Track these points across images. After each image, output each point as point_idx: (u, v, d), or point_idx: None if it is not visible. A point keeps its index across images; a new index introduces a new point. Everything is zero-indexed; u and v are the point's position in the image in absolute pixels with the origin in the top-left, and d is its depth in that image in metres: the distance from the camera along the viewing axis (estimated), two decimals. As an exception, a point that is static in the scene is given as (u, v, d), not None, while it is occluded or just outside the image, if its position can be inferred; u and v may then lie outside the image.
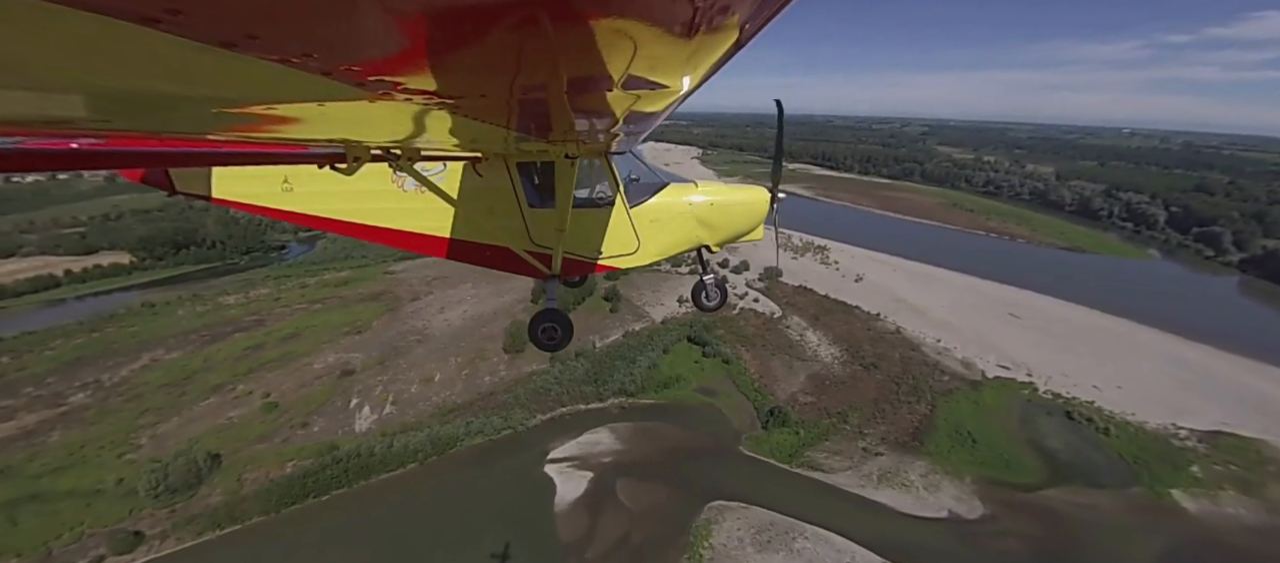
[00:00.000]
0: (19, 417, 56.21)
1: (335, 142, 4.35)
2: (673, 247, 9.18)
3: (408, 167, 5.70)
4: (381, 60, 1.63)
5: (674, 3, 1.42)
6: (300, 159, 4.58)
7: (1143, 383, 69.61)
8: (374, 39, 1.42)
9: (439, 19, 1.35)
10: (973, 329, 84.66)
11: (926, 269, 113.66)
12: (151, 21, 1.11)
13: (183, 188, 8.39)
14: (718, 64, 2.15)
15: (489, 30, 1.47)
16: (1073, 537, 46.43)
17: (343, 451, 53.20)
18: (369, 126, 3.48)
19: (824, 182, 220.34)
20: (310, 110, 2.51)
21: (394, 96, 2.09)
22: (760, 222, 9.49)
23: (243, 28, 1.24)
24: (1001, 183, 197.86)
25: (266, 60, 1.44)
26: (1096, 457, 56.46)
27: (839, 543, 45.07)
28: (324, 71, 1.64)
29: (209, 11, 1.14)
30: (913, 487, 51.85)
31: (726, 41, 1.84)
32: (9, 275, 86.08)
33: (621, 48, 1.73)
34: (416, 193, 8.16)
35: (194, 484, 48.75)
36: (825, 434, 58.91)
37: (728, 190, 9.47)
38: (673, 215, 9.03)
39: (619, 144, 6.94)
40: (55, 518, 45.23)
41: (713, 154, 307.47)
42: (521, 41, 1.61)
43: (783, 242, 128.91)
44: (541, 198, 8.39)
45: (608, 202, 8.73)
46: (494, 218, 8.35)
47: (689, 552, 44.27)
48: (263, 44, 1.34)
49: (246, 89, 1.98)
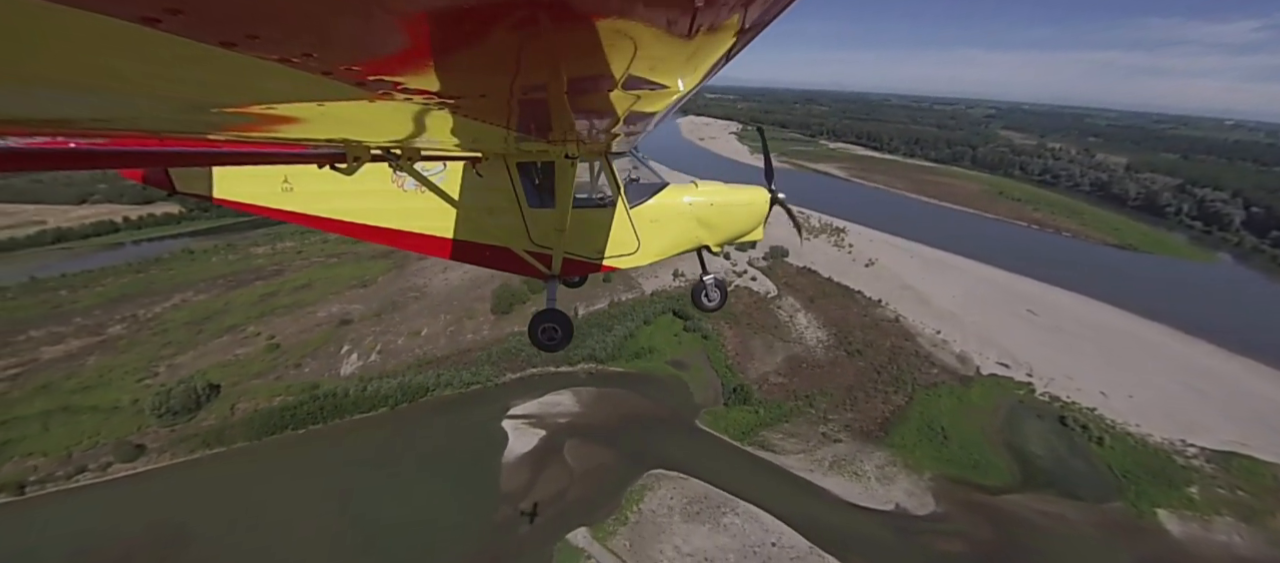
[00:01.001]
0: (66, 342, 63.51)
1: (335, 142, 4.31)
2: (673, 247, 9.06)
3: (408, 167, 5.66)
4: (381, 60, 1.61)
5: (674, 3, 1.38)
6: (300, 159, 4.53)
7: (1158, 394, 62.75)
8: (374, 39, 1.41)
9: (439, 19, 1.33)
10: (979, 323, 78.82)
11: (947, 258, 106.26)
12: (151, 21, 1.09)
13: (183, 188, 8.35)
14: (718, 64, 2.11)
15: (489, 30, 1.45)
16: (1026, 545, 43.18)
17: (323, 391, 56.89)
18: (369, 126, 3.46)
19: (862, 162, 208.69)
20: (310, 110, 2.49)
21: (394, 96, 2.07)
22: (760, 222, 9.31)
23: (243, 28, 1.22)
24: (1060, 172, 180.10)
25: (266, 60, 1.42)
26: (1080, 466, 51.82)
27: (768, 522, 44.04)
28: (324, 71, 1.62)
29: (209, 11, 1.12)
30: (864, 476, 49.63)
31: (726, 42, 1.81)
32: (77, 220, 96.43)
33: (621, 48, 1.72)
34: (416, 193, 8.09)
35: (193, 409, 53.67)
36: (786, 416, 57.12)
37: (728, 191, 9.26)
38: (673, 215, 8.91)
39: (619, 144, 6.83)
40: (78, 428, 51.19)
41: (753, 130, 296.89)
42: (521, 41, 1.59)
43: (800, 221, 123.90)
44: (541, 198, 8.30)
45: (608, 202, 8.64)
46: (494, 218, 8.30)
47: (617, 513, 44.63)
48: (263, 44, 1.32)
49: (246, 89, 1.97)
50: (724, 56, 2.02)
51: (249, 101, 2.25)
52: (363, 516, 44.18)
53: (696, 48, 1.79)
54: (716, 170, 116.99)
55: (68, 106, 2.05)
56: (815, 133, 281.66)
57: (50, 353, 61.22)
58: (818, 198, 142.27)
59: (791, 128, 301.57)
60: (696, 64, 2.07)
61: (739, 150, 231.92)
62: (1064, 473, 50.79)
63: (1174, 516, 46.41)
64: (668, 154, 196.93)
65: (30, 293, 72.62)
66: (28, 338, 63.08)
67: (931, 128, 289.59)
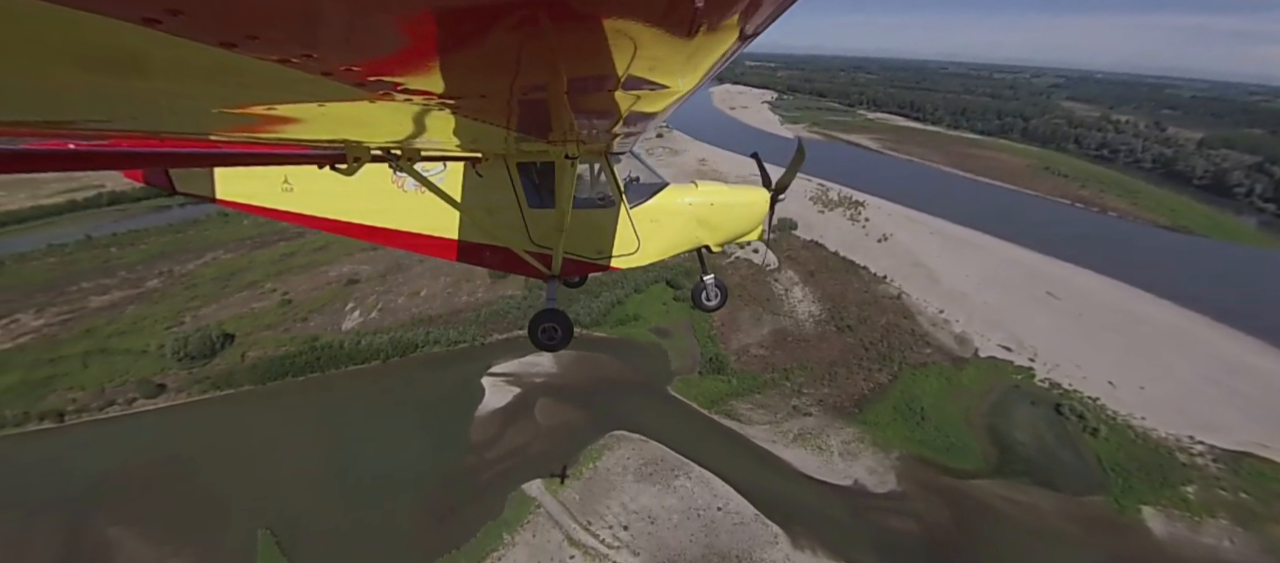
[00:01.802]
0: (110, 293, 70.05)
1: (335, 142, 4.26)
2: (673, 247, 9.06)
3: (408, 167, 5.56)
4: (381, 60, 1.61)
5: (674, 3, 1.39)
6: (300, 159, 4.47)
7: (1178, 387, 57.53)
8: (374, 39, 1.41)
9: (439, 19, 1.33)
10: (990, 304, 74.14)
11: (971, 235, 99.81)
12: (151, 21, 1.09)
13: (183, 188, 8.27)
14: (718, 63, 2.10)
15: (489, 30, 1.45)
16: (984, 532, 41.29)
17: (322, 343, 60.49)
18: (369, 127, 3.44)
19: (899, 134, 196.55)
20: (310, 110, 2.48)
21: (394, 97, 2.06)
22: (760, 222, 9.30)
23: (243, 28, 1.23)
24: (1119, 146, 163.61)
25: (266, 60, 1.43)
26: (1066, 457, 48.65)
27: (718, 488, 44.02)
28: (324, 71, 1.62)
29: (209, 11, 1.12)
30: (827, 450, 48.52)
31: (727, 41, 1.81)
32: (131, 185, 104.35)
33: (621, 48, 1.72)
34: (416, 193, 7.99)
35: (208, 355, 58.42)
36: (760, 388, 56.22)
37: (727, 191, 9.27)
38: (672, 216, 8.89)
39: (619, 144, 6.84)
40: (112, 367, 56.85)
41: (789, 99, 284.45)
42: (522, 41, 1.60)
43: (817, 194, 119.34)
44: (541, 198, 8.25)
45: (608, 202, 8.60)
46: (494, 218, 8.20)
47: (576, 471, 45.73)
48: (263, 44, 1.33)
49: (246, 89, 1.97)
50: (724, 56, 1.98)
51: (249, 101, 2.23)
52: (343, 456, 47.24)
53: (696, 48, 1.76)
54: (742, 140, 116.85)
55: (68, 107, 2.01)
56: (855, 102, 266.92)
57: (96, 302, 67.77)
58: (843, 170, 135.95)
59: (830, 97, 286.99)
60: (696, 64, 2.04)
61: (769, 120, 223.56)
62: (1046, 462, 47.82)
63: (1160, 514, 43.03)
64: (695, 124, 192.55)
65: (84, 249, 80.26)
66: (79, 288, 69.99)
67: (984, 97, 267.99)
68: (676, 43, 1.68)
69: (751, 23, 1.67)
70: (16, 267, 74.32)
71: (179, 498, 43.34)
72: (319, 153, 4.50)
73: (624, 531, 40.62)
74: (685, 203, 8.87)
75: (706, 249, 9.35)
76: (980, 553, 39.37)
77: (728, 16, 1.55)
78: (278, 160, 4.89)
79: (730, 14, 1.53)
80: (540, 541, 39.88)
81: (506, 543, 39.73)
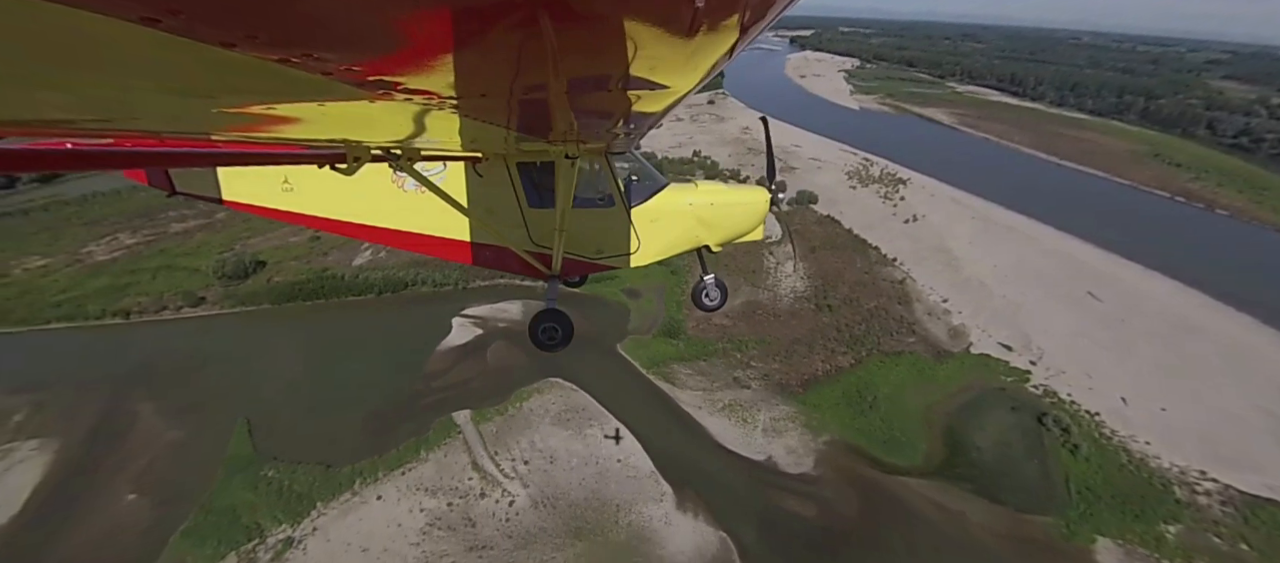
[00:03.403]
0: (186, 222, 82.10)
1: (336, 142, 4.23)
2: (673, 247, 9.02)
3: (408, 167, 5.55)
4: (381, 60, 1.58)
5: (674, 3, 1.37)
6: (301, 159, 4.46)
7: (1208, 412, 47.51)
8: (374, 39, 1.39)
9: (439, 19, 1.31)
10: (1007, 298, 65.00)
11: (1018, 222, 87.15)
12: (151, 22, 1.07)
13: (183, 188, 8.22)
14: (719, 62, 2.06)
15: (489, 30, 1.43)
16: (887, 533, 37.39)
17: (331, 274, 67.09)
18: (369, 126, 3.41)
19: (985, 109, 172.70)
20: (310, 110, 2.47)
21: (394, 96, 2.03)
22: (760, 222, 9.23)
23: (243, 28, 1.21)
24: (1265, 134, 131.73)
25: (266, 60, 1.41)
26: (1028, 471, 42.45)
27: (627, 442, 43.77)
28: (324, 72, 1.58)
29: (209, 11, 1.10)
30: (751, 424, 46.20)
31: (727, 40, 1.75)
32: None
33: (622, 48, 1.70)
34: (416, 193, 7.85)
35: (242, 276, 67.10)
36: (707, 355, 54.31)
37: (727, 191, 9.25)
38: (672, 215, 8.78)
39: (619, 144, 6.84)
40: (172, 280, 67.20)
41: (871, 68, 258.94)
42: (522, 41, 1.57)
43: (858, 168, 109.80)
44: (541, 198, 8.16)
45: (608, 202, 8.50)
46: (494, 218, 8.13)
47: (501, 406, 47.60)
48: (263, 44, 1.31)
49: (246, 89, 1.95)
50: (725, 55, 1.94)
51: (249, 101, 2.21)
52: (320, 370, 52.73)
53: (697, 47, 1.73)
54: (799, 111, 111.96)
55: (68, 107, 2.01)
56: (947, 74, 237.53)
57: (175, 228, 79.96)
58: (898, 145, 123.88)
59: (921, 66, 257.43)
60: (697, 64, 2.01)
61: (839, 89, 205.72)
62: (998, 472, 42.06)
63: (1118, 549, 36.46)
64: (755, 91, 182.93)
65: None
66: (165, 216, 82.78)
67: (1110, 73, 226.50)
68: (677, 42, 1.64)
69: (752, 22, 1.63)
70: (129, 196, 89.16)
71: (191, 387, 51.00)
72: (319, 153, 4.43)
73: (524, 465, 42.00)
74: (685, 203, 8.71)
75: (707, 249, 9.21)
76: (873, 551, 35.99)
77: (728, 16, 1.50)
78: (278, 160, 4.80)
79: (730, 13, 1.49)
80: (449, 461, 42.41)
81: (421, 459, 42.69)
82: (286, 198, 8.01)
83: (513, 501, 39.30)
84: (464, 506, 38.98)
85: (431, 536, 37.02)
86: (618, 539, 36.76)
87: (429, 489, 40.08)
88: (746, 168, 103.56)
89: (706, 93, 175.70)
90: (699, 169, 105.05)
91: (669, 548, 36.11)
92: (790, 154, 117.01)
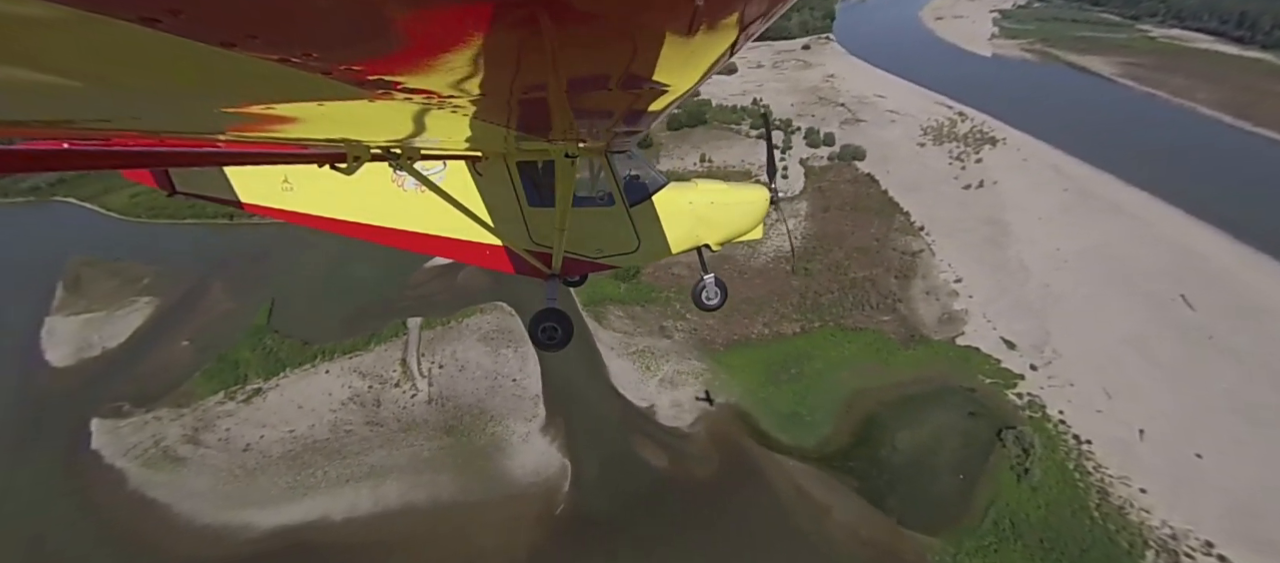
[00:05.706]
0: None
1: (335, 141, 4.06)
2: (673, 245, 8.73)
3: (408, 166, 5.30)
4: (381, 60, 1.53)
5: (674, 2, 1.32)
6: (300, 159, 4.29)
7: (1265, 479, 33.31)
8: (374, 39, 1.35)
9: (439, 19, 1.28)
10: (1048, 287, 50.90)
11: (1133, 200, 65.84)
12: (151, 21, 1.03)
13: (183, 188, 7.98)
14: (718, 61, 1.97)
15: (489, 29, 1.37)
16: (735, 505, 33.92)
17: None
18: (369, 126, 3.31)
19: (1174, 58, 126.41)
20: (310, 110, 2.38)
21: (394, 96, 1.96)
22: (760, 221, 9.07)
23: (243, 28, 1.17)
24: None
25: (266, 60, 1.35)
26: (943, 486, 34.76)
27: (531, 366, 44.96)
28: (324, 71, 1.54)
29: (209, 11, 1.07)
30: (654, 372, 44.09)
31: (727, 39, 1.70)
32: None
33: (622, 47, 1.67)
34: (416, 193, 7.62)
35: (318, 185, 79.82)
36: (645, 301, 51.89)
37: (727, 190, 8.97)
38: (672, 214, 8.49)
39: (619, 143, 6.64)
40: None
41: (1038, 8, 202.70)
42: (522, 40, 1.51)
43: (941, 124, 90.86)
44: (541, 197, 7.88)
45: (608, 201, 8.24)
46: (494, 217, 7.89)
47: (447, 317, 51.59)
48: (263, 44, 1.26)
49: (246, 89, 1.90)
50: (725, 54, 1.89)
51: (249, 101, 2.18)
52: (336, 270, 61.79)
53: (697, 46, 1.66)
54: (917, 60, 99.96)
55: (68, 106, 1.96)
56: (1142, 14, 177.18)
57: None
58: (1018, 98, 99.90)
59: (1110, 6, 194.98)
60: (696, 62, 1.95)
61: (978, 34, 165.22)
62: (901, 479, 34.98)
63: (1010, 592, 28.70)
64: (871, 36, 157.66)
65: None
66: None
67: None
68: (677, 41, 1.60)
69: (752, 19, 1.61)
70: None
71: (248, 273, 63.40)
72: (319, 152, 4.36)
73: (438, 368, 45.80)
74: (685, 202, 8.46)
75: (706, 248, 8.95)
76: (700, 515, 33.11)
77: (728, 15, 1.47)
78: (278, 160, 4.71)
79: (730, 12, 1.47)
80: (386, 354, 47.93)
81: (369, 349, 48.83)
82: (287, 197, 7.77)
83: (416, 394, 43.47)
84: (379, 390, 44.23)
85: (347, 407, 42.98)
86: (478, 443, 39.02)
87: (361, 373, 46.02)
88: (806, 118, 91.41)
89: (804, 38, 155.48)
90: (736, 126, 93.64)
91: (515, 461, 37.44)
92: (867, 105, 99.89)
